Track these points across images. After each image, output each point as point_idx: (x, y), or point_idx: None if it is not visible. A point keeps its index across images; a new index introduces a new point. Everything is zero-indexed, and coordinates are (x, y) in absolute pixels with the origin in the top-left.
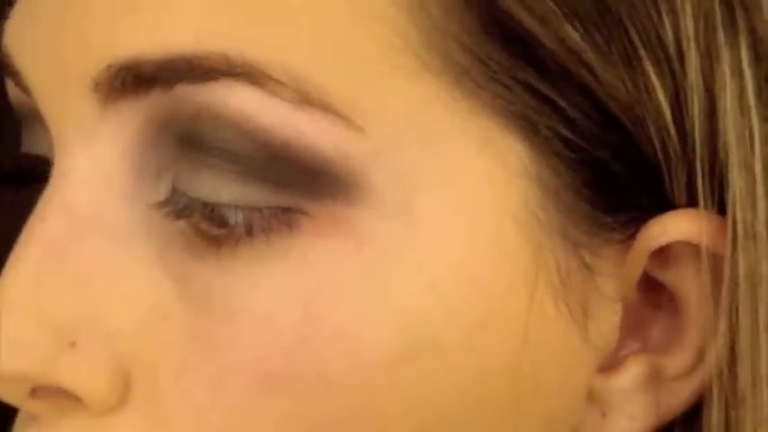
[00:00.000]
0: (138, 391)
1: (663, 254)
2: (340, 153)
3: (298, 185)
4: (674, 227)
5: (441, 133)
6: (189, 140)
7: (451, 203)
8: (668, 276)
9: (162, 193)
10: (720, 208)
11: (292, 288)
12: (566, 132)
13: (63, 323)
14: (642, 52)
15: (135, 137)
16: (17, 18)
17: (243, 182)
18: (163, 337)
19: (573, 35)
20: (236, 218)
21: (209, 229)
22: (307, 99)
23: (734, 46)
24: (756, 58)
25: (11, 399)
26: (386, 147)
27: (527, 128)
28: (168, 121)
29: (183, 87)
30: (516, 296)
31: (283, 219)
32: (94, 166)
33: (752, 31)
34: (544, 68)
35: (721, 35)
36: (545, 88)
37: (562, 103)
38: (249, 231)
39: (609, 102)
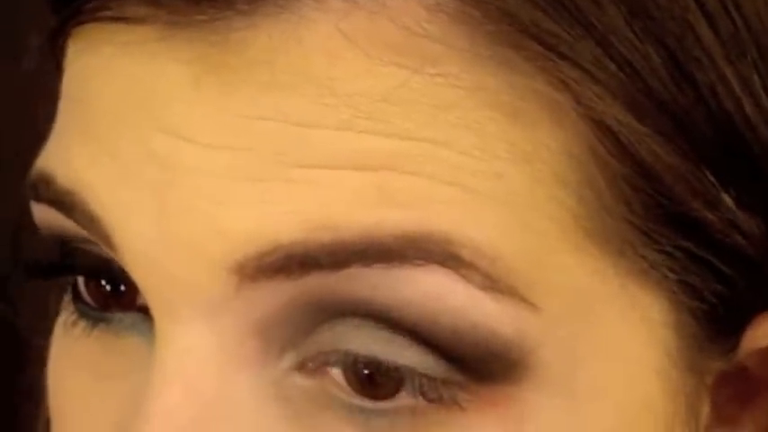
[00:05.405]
0: None
1: None
2: (518, 335)
3: (472, 365)
4: None
5: (597, 304)
6: (352, 312)
7: (605, 373)
8: (748, 358)
9: (288, 359)
10: None
11: None
12: (716, 286)
13: None
14: None
15: (269, 315)
16: (95, 164)
17: (416, 352)
18: None
19: (728, 202)
20: (402, 386)
21: (359, 394)
22: (495, 283)
23: None
24: None
25: None
26: (556, 323)
27: (679, 287)
28: (323, 299)
29: (356, 269)
30: None
31: (449, 393)
32: (220, 345)
33: None
34: (703, 236)
35: None
36: (703, 252)
37: (717, 263)
38: (413, 407)
39: (747, 246)
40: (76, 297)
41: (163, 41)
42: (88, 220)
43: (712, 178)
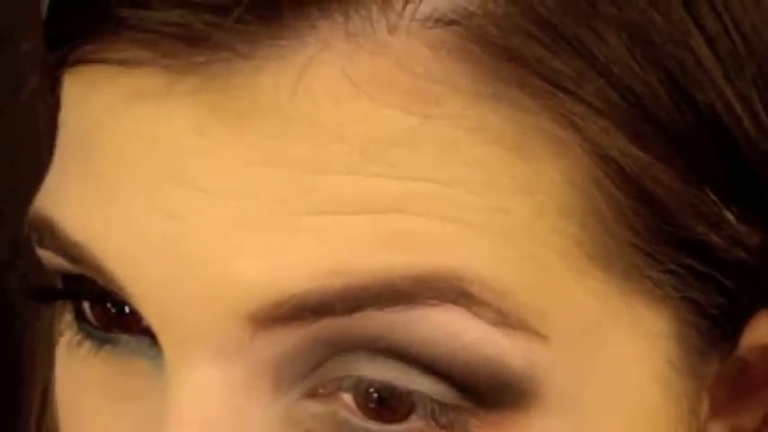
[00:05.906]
0: None
1: None
2: (529, 367)
3: (484, 394)
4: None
5: (603, 326)
6: (366, 347)
7: (611, 390)
8: (749, 353)
9: (299, 389)
10: None
11: None
12: (719, 298)
13: None
14: None
15: (282, 355)
16: (102, 217)
17: (429, 381)
18: None
19: (731, 219)
20: (413, 411)
21: (369, 418)
22: (506, 318)
23: None
24: None
25: None
26: (565, 350)
27: (682, 303)
28: (337, 338)
29: (369, 312)
30: None
31: (459, 419)
32: (232, 384)
33: None
34: (708, 254)
35: None
36: (706, 269)
37: (720, 278)
38: (423, 431)
39: (749, 259)
40: (80, 317)
41: (166, 87)
42: (99, 272)
43: (714, 197)
